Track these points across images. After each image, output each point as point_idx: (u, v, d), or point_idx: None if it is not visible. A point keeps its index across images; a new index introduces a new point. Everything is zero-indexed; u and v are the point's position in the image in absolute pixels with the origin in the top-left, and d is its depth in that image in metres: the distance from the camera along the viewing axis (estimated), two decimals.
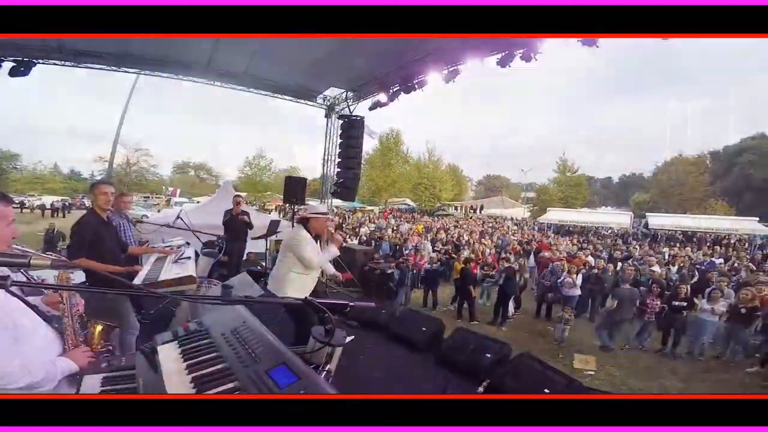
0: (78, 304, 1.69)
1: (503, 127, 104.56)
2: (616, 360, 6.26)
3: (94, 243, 2.91)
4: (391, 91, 8.25)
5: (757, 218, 23.60)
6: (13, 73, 6.66)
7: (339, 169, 9.69)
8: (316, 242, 3.46)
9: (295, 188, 7.77)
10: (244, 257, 8.23)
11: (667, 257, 13.04)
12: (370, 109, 9.16)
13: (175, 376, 1.03)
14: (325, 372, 1.25)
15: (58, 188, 37.97)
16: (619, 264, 9.72)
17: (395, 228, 19.46)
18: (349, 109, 9.58)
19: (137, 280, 2.74)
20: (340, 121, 9.71)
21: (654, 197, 39.58)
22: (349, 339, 1.26)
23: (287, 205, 8.73)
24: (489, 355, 3.95)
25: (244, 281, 3.22)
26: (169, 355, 1.17)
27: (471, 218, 32.94)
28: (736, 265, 10.95)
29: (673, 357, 6.36)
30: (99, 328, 1.67)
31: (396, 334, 4.61)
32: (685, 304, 6.39)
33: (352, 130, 9.40)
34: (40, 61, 6.90)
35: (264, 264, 8.27)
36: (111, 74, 8.00)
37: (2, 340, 1.24)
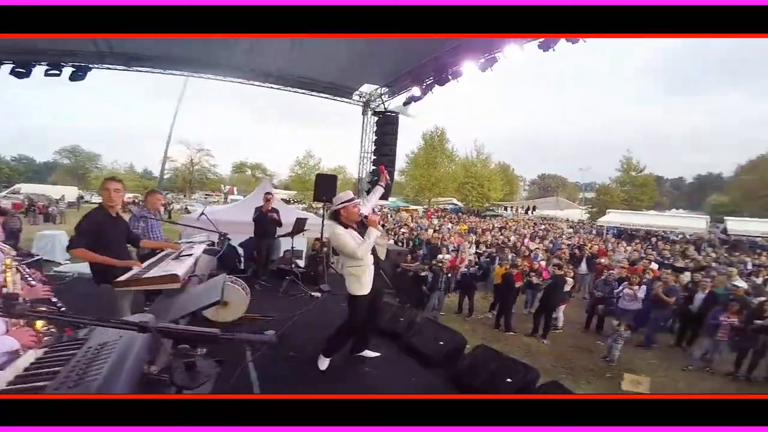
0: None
1: (560, 122, 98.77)
2: (675, 383, 5.45)
3: (96, 235, 3.02)
4: (424, 84, 7.84)
5: None
6: (73, 77, 7.24)
7: (374, 167, 9.47)
8: (358, 231, 3.28)
9: (325, 186, 7.57)
10: (281, 255, 8.27)
11: (749, 267, 11.27)
12: (405, 104, 8.80)
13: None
14: None
15: (133, 186, 41.72)
16: (687, 274, 8.46)
17: (437, 228, 18.90)
18: (383, 105, 9.32)
19: (127, 275, 2.72)
20: (375, 118, 9.48)
21: (736, 200, 35.22)
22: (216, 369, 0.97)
23: (320, 203, 8.52)
24: (510, 380, 3.45)
25: (209, 284, 2.99)
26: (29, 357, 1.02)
27: (520, 219, 31.20)
28: None
29: (747, 381, 5.46)
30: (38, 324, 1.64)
31: (409, 345, 4.22)
32: None
33: (386, 126, 9.13)
34: (95, 65, 7.40)
35: (297, 263, 8.18)
36: (170, 77, 8.38)
37: None
